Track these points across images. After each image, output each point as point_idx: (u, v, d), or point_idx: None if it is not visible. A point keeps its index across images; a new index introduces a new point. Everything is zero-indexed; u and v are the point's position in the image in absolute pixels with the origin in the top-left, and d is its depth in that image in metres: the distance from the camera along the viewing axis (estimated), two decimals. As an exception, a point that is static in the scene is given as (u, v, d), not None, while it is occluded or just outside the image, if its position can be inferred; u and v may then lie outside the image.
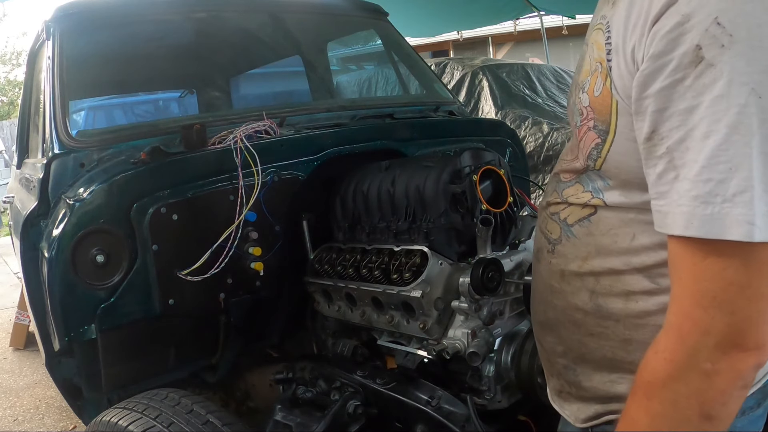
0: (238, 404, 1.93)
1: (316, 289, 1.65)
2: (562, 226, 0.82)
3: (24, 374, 3.71)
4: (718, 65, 0.57)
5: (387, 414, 1.40)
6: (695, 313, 0.60)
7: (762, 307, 0.59)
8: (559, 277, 0.83)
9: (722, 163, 0.57)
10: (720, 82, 0.56)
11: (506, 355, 1.36)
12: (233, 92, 3.04)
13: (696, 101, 0.58)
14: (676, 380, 0.61)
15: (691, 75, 0.58)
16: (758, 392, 0.78)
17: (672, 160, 0.60)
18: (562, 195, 0.83)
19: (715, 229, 0.57)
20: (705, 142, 0.57)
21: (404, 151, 1.89)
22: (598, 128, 0.73)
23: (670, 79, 0.60)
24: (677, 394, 0.61)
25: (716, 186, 0.57)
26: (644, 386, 0.65)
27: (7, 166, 11.63)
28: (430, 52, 11.74)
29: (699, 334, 0.60)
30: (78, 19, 2.00)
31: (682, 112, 0.59)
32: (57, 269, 1.45)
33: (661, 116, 0.61)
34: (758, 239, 0.56)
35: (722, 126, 0.56)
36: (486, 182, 1.44)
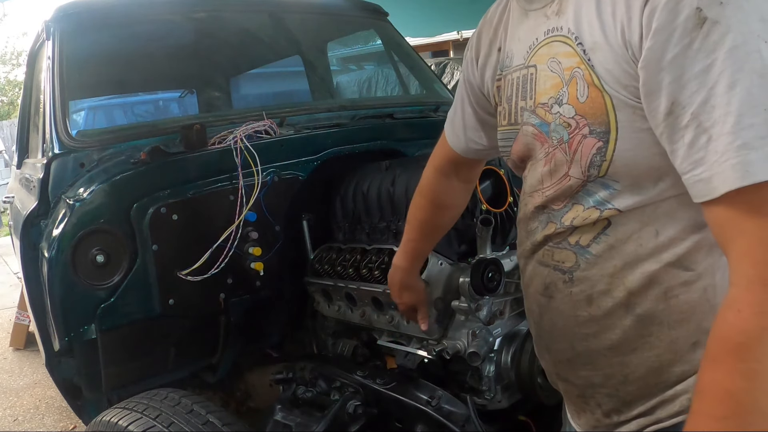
0: (238, 404, 1.93)
1: (316, 289, 1.65)
2: (576, 251, 0.78)
3: (24, 374, 3.71)
4: (722, 20, 0.58)
5: (387, 414, 1.40)
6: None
7: None
8: (586, 303, 0.79)
9: (757, 106, 0.57)
10: (730, 34, 0.58)
11: (506, 355, 1.36)
12: (233, 92, 3.04)
13: (710, 59, 0.58)
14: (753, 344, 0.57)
15: (698, 37, 0.59)
16: None
17: (700, 124, 0.60)
18: (562, 223, 0.79)
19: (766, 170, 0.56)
20: (732, 92, 0.57)
21: (404, 151, 1.89)
22: (596, 131, 0.71)
23: (679, 46, 0.60)
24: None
25: (759, 129, 0.56)
26: (733, 350, 0.58)
27: (7, 166, 11.63)
28: (430, 52, 11.73)
29: None
30: (78, 19, 2.00)
31: (698, 74, 0.59)
32: (57, 269, 1.45)
33: (678, 85, 0.61)
34: None
35: (746, 73, 0.57)
36: (486, 182, 1.44)
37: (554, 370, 0.90)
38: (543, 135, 0.78)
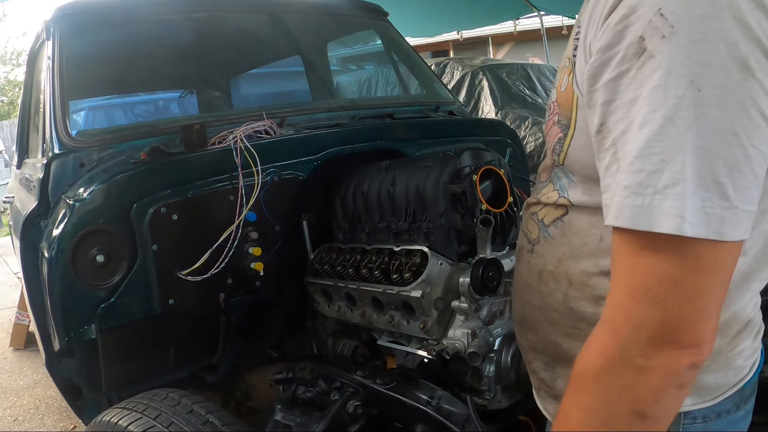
0: (238, 404, 1.93)
1: (316, 289, 1.65)
2: (540, 227, 0.83)
3: (24, 374, 3.71)
4: (657, 56, 0.56)
5: (387, 414, 1.40)
6: (628, 306, 0.58)
7: (698, 305, 0.56)
8: (537, 277, 0.84)
9: (655, 154, 0.55)
10: (658, 72, 0.55)
11: (506, 355, 1.36)
12: (233, 92, 3.04)
13: (637, 92, 0.57)
14: (607, 373, 0.60)
15: (634, 66, 0.58)
16: (735, 395, 0.77)
17: (616, 152, 0.60)
18: (539, 195, 0.84)
19: (644, 221, 0.56)
20: (641, 131, 0.56)
21: (404, 151, 1.89)
22: (561, 123, 0.74)
23: (617, 70, 0.59)
24: (608, 388, 0.60)
25: (648, 177, 0.56)
26: (577, 379, 0.63)
27: (7, 166, 11.63)
28: (430, 52, 11.74)
29: (631, 327, 0.58)
30: (78, 19, 2.00)
31: (626, 104, 0.58)
32: (57, 269, 1.45)
33: (608, 108, 0.60)
34: (689, 234, 0.54)
35: (657, 116, 0.55)
36: (486, 182, 1.44)
37: (515, 327, 0.96)
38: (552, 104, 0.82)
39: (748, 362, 0.78)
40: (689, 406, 0.75)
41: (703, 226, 0.54)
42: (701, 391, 0.75)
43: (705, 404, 0.75)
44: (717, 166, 0.54)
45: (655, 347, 0.57)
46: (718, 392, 0.76)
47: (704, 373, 0.74)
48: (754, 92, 0.54)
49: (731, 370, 0.76)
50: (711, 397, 0.76)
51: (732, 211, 0.54)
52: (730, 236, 0.55)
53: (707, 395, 0.75)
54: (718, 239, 0.54)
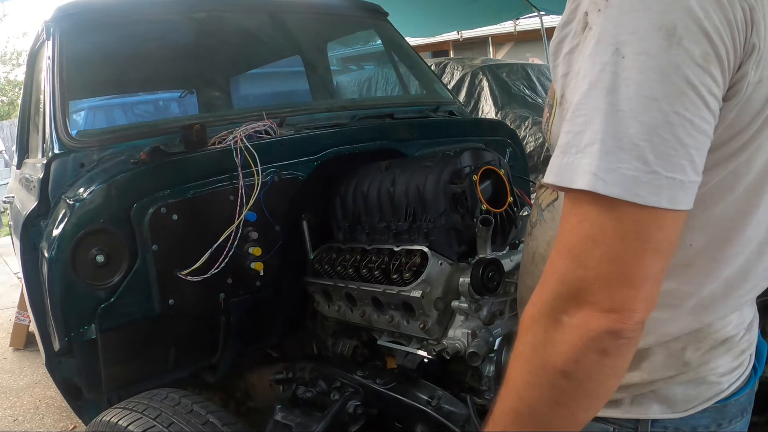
0: (238, 404, 1.93)
1: (316, 289, 1.65)
2: (538, 210, 0.86)
3: (24, 374, 3.71)
4: (594, 27, 0.59)
5: (387, 414, 1.40)
6: (556, 262, 0.60)
7: (618, 269, 0.56)
8: (531, 258, 0.86)
9: (580, 116, 0.58)
10: (592, 41, 0.58)
11: (506, 355, 1.36)
12: (233, 92, 3.04)
13: (581, 63, 0.60)
14: (535, 323, 0.61)
15: (582, 40, 0.61)
16: (713, 412, 0.76)
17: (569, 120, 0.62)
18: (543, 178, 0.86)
19: (566, 178, 0.58)
20: (572, 97, 0.60)
21: (404, 151, 1.89)
22: (549, 104, 0.77)
23: (570, 45, 0.63)
24: (536, 339, 0.61)
25: (573, 137, 0.58)
26: (519, 327, 0.65)
27: (7, 166, 11.63)
28: (430, 52, 11.73)
29: (555, 282, 0.60)
30: (78, 19, 2.00)
31: (575, 75, 0.61)
32: (57, 269, 1.45)
33: (565, 81, 0.64)
34: (602, 191, 0.55)
35: (586, 82, 0.58)
36: (486, 182, 1.44)
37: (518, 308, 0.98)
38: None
39: (725, 378, 0.76)
40: (657, 414, 0.75)
41: (618, 186, 0.55)
42: (670, 402, 0.75)
43: (675, 415, 0.74)
44: (634, 128, 0.55)
45: (575, 306, 0.58)
46: (688, 405, 0.75)
47: (672, 384, 0.74)
48: (678, 59, 0.55)
49: (703, 383, 0.75)
50: (682, 408, 0.75)
51: (652, 176, 0.55)
52: (652, 201, 0.55)
53: (677, 406, 0.75)
54: (636, 202, 0.55)
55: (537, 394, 0.61)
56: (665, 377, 0.74)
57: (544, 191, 0.85)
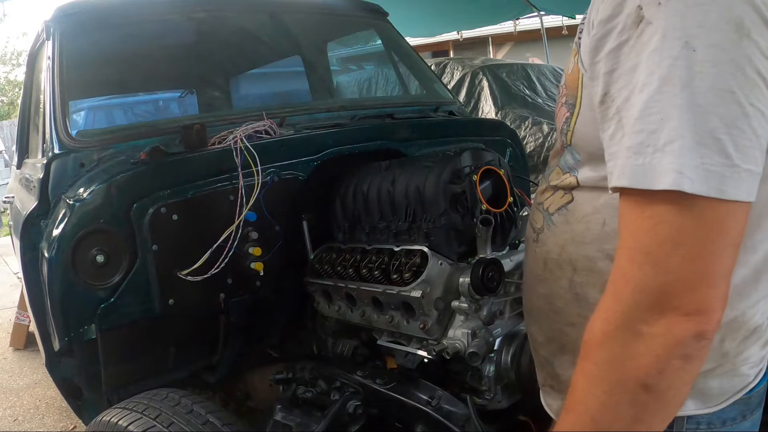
0: (238, 404, 1.93)
1: (316, 289, 1.65)
2: (545, 215, 0.84)
3: (24, 374, 3.71)
4: (655, 22, 0.57)
5: (387, 414, 1.40)
6: (629, 270, 0.57)
7: (701, 269, 0.55)
8: (543, 265, 0.84)
9: (653, 114, 0.56)
10: (655, 37, 0.57)
11: (506, 355, 1.36)
12: (233, 92, 3.04)
13: (638, 59, 0.58)
14: (610, 340, 0.58)
15: (634, 35, 0.59)
16: (740, 403, 0.76)
17: (620, 120, 0.60)
18: (548, 180, 0.85)
19: (645, 179, 0.56)
20: (641, 94, 0.57)
21: (404, 151, 1.89)
22: (568, 103, 0.75)
23: (618, 40, 0.61)
24: (612, 355, 0.58)
25: (648, 136, 0.56)
26: (584, 348, 0.62)
27: (7, 166, 11.62)
28: (430, 52, 11.73)
29: (632, 292, 0.57)
30: (78, 19, 2.00)
31: (627, 72, 0.60)
32: (57, 269, 1.45)
33: (611, 77, 0.62)
34: (687, 189, 0.54)
35: (655, 78, 0.56)
36: (486, 182, 1.44)
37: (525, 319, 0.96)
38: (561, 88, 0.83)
39: (753, 370, 0.77)
40: (693, 411, 0.74)
41: (703, 183, 0.54)
42: (705, 396, 0.74)
43: (709, 410, 0.75)
44: (714, 122, 0.54)
45: (657, 313, 0.56)
46: (722, 398, 0.75)
47: (709, 377, 0.74)
48: (749, 52, 0.55)
49: (737, 376, 0.75)
50: (715, 402, 0.75)
51: (733, 170, 0.54)
52: (733, 195, 0.54)
53: (711, 401, 0.75)
54: (719, 197, 0.54)
55: (615, 415, 0.59)
56: (705, 371, 0.73)
57: (551, 194, 0.83)
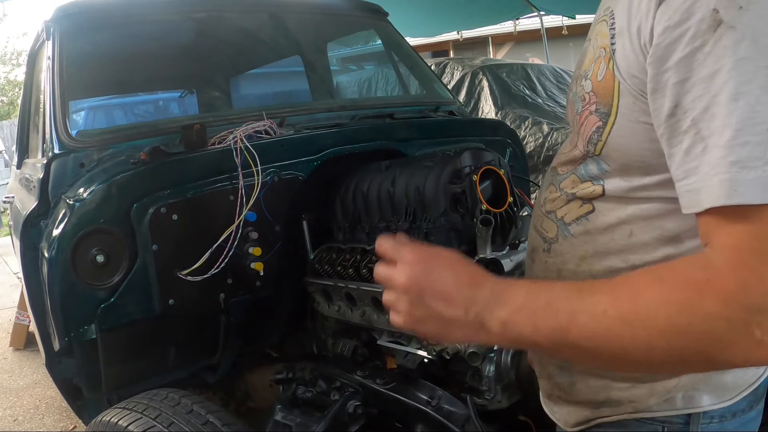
0: (238, 404, 1.93)
1: (316, 289, 1.65)
2: (559, 225, 0.81)
3: (24, 374, 3.71)
4: (738, 26, 0.54)
5: (387, 414, 1.40)
6: (761, 270, 0.53)
7: None
8: (556, 275, 0.81)
9: (758, 124, 0.53)
10: (744, 42, 0.54)
11: (506, 355, 1.36)
12: (233, 92, 3.04)
13: (718, 65, 0.55)
14: (719, 319, 0.54)
15: (710, 40, 0.55)
16: (750, 395, 0.76)
17: (699, 132, 0.56)
18: (560, 187, 0.82)
19: (761, 193, 0.53)
20: (735, 104, 0.54)
21: (404, 151, 1.89)
22: (600, 111, 0.72)
23: (689, 47, 0.57)
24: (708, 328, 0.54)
25: (755, 148, 0.53)
26: (685, 286, 0.56)
27: (7, 166, 11.62)
28: (430, 52, 11.74)
29: (764, 292, 0.53)
30: (78, 19, 2.00)
31: (704, 80, 0.56)
32: (57, 269, 1.45)
33: (682, 88, 0.58)
34: None
35: (754, 87, 0.53)
36: (486, 182, 1.44)
37: None
38: (572, 103, 0.80)
39: None
40: (709, 406, 0.74)
41: None
42: (721, 391, 0.74)
43: (723, 404, 0.74)
44: None
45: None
46: (736, 391, 0.75)
47: (726, 372, 0.73)
48: None
49: (750, 368, 0.75)
50: (730, 396, 0.75)
51: None
52: None
53: (727, 395, 0.75)
54: None
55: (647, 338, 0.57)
56: None
57: (566, 203, 0.80)
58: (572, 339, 0.61)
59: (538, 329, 0.63)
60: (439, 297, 0.68)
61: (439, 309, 0.68)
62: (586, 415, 0.82)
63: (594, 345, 0.60)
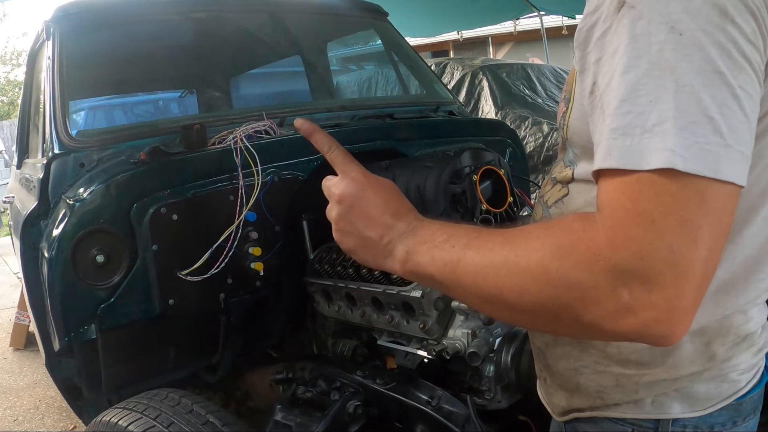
0: (238, 404, 1.93)
1: (316, 289, 1.65)
2: (544, 208, 0.84)
3: (24, 374, 3.71)
4: (638, 6, 0.57)
5: (387, 414, 1.40)
6: (632, 230, 0.53)
7: (701, 254, 0.52)
8: None
9: (642, 96, 0.55)
10: (640, 21, 0.56)
11: (506, 355, 1.36)
12: (233, 92, 3.04)
13: (618, 42, 0.58)
14: (582, 271, 0.54)
15: (615, 21, 0.59)
16: (730, 409, 0.75)
17: (602, 105, 0.59)
18: (551, 174, 0.85)
19: (634, 159, 0.54)
20: (624, 77, 0.56)
21: (404, 151, 1.89)
22: (566, 98, 0.76)
23: (602, 28, 0.60)
24: (576, 281, 0.55)
25: (636, 118, 0.55)
26: (562, 233, 0.57)
27: (7, 166, 11.63)
28: (430, 52, 11.74)
29: (632, 254, 0.52)
30: (78, 19, 2.00)
31: (609, 57, 0.59)
32: (57, 269, 1.45)
33: (597, 66, 0.61)
34: (681, 167, 0.52)
35: (643, 62, 0.55)
36: (486, 182, 1.44)
37: None
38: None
39: (745, 376, 0.76)
40: (679, 414, 0.74)
41: (699, 162, 0.52)
42: (692, 400, 0.74)
43: (696, 413, 0.74)
44: (706, 102, 0.54)
45: (646, 288, 0.52)
46: (709, 403, 0.75)
47: (696, 381, 0.74)
48: (734, 35, 0.55)
49: (725, 382, 0.75)
50: (702, 407, 0.74)
51: (727, 149, 0.53)
52: (728, 175, 0.53)
53: (698, 405, 0.74)
54: (714, 177, 0.52)
55: (518, 288, 0.58)
56: (690, 373, 0.73)
57: (551, 188, 0.83)
58: (459, 273, 0.63)
59: (434, 260, 0.65)
60: (364, 216, 0.72)
61: (359, 227, 0.72)
62: (563, 404, 0.83)
63: (474, 281, 0.61)
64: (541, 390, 0.91)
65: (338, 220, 0.75)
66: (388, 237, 0.70)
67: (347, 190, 0.74)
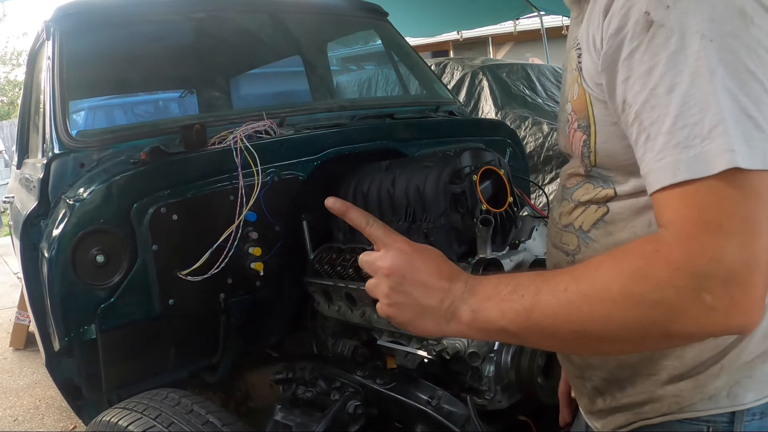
0: (238, 404, 1.93)
1: (316, 289, 1.65)
2: (579, 235, 0.81)
3: (24, 374, 3.71)
4: (667, 24, 0.60)
5: (387, 414, 1.40)
6: (703, 238, 0.57)
7: (763, 245, 0.56)
8: None
9: (692, 107, 0.58)
10: (673, 38, 0.60)
11: (506, 355, 1.36)
12: (233, 92, 3.04)
13: (653, 61, 0.61)
14: (666, 287, 0.57)
15: (645, 40, 0.62)
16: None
17: (641, 123, 0.62)
18: (572, 198, 0.83)
19: (701, 167, 0.57)
20: (671, 95, 0.59)
21: (404, 151, 1.89)
22: (581, 126, 0.76)
23: (629, 49, 0.63)
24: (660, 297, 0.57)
25: (692, 129, 0.58)
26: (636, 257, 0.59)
27: (7, 166, 11.63)
28: (430, 52, 11.74)
29: (709, 260, 0.56)
30: (78, 19, 2.00)
31: (642, 75, 0.62)
32: (57, 269, 1.45)
33: (626, 85, 0.64)
34: (742, 164, 0.56)
35: (685, 75, 0.59)
36: (486, 182, 1.44)
37: (559, 356, 0.93)
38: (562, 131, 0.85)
39: None
40: (752, 403, 0.73)
41: (751, 158, 0.56)
42: (764, 383, 0.73)
43: (765, 399, 0.73)
44: (744, 102, 0.58)
45: (725, 288, 0.56)
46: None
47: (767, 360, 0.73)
48: (758, 35, 0.59)
49: None
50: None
51: None
52: None
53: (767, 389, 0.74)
54: (766, 169, 0.56)
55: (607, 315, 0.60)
56: (762, 352, 0.73)
57: (582, 212, 0.81)
58: (535, 319, 0.63)
59: (504, 313, 0.65)
60: (419, 285, 0.70)
61: (416, 296, 0.70)
62: (627, 418, 0.81)
63: (554, 323, 0.62)
64: (591, 419, 0.88)
65: (391, 294, 0.72)
66: (449, 300, 0.69)
67: (395, 261, 0.72)
